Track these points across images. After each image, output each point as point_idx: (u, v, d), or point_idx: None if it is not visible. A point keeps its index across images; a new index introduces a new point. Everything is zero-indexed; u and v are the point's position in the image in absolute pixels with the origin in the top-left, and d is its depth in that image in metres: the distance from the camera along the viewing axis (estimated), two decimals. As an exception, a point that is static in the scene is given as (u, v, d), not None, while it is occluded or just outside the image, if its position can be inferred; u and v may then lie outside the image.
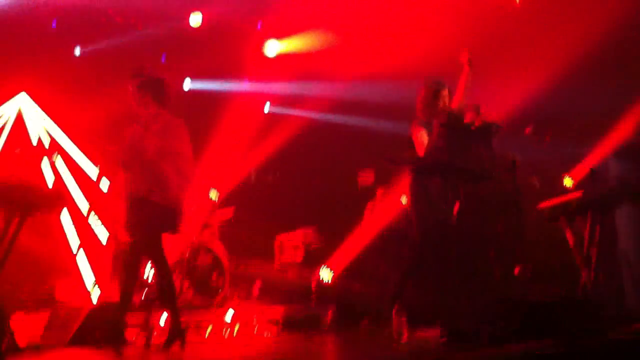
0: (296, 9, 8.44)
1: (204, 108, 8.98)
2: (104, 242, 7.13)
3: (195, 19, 8.55)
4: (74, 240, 7.34)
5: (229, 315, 6.38)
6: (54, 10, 7.89)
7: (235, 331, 6.32)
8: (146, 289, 6.61)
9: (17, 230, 5.47)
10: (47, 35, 8.08)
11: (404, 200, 6.96)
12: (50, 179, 7.26)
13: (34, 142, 7.27)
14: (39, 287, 6.96)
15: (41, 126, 7.61)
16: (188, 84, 9.68)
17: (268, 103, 9.88)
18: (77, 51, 8.53)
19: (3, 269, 5.34)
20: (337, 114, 9.08)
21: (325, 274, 7.36)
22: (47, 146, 7.24)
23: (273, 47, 9.26)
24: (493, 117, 6.11)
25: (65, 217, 7.31)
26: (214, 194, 7.58)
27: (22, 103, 7.52)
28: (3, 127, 7.22)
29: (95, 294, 6.94)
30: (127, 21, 8.35)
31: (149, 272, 6.70)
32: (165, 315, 5.83)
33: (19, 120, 7.46)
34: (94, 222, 7.24)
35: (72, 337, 5.26)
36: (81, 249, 7.30)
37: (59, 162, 7.28)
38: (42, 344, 5.20)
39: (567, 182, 7.05)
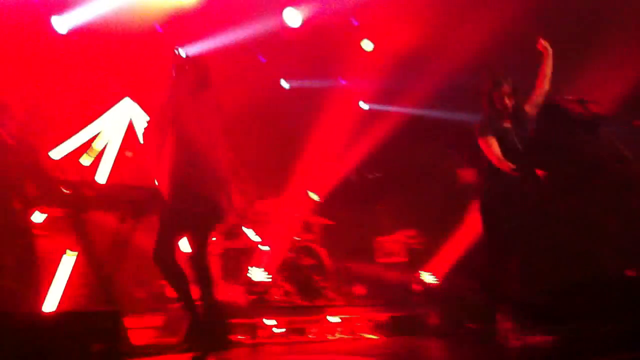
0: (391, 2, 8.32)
1: (302, 107, 9.02)
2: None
3: (295, 19, 8.55)
4: (182, 241, 7.48)
5: (333, 318, 6.37)
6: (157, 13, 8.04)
7: (339, 333, 6.31)
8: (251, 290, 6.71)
9: (131, 230, 5.69)
10: (151, 38, 8.27)
11: None
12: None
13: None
14: (151, 287, 7.15)
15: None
16: (286, 83, 9.76)
17: (366, 100, 9.81)
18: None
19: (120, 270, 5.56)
20: (438, 109, 8.88)
21: (429, 276, 7.25)
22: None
23: (369, 43, 9.19)
24: (598, 108, 5.86)
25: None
26: (315, 195, 7.58)
27: (129, 107, 7.73)
28: (115, 132, 7.45)
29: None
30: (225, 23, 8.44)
31: (254, 274, 6.80)
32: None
33: (131, 124, 7.67)
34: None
35: (185, 337, 5.35)
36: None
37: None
38: (157, 345, 5.32)
39: None
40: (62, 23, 7.65)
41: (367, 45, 9.19)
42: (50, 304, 5.60)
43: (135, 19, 7.71)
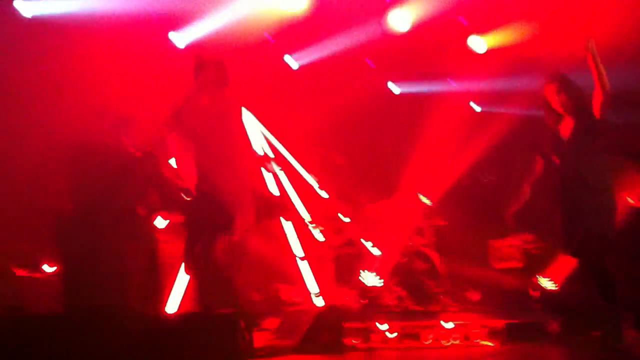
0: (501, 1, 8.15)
1: (412, 111, 8.97)
2: (324, 247, 7.37)
3: (402, 22, 8.54)
4: (296, 245, 7.66)
5: (447, 324, 6.29)
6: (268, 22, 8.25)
7: (453, 339, 6.22)
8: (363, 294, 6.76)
9: (247, 234, 5.85)
10: (263, 47, 8.51)
11: (630, 199, 6.43)
12: (273, 188, 7.64)
13: (259, 154, 7.68)
14: (266, 290, 7.36)
15: (262, 138, 8.04)
16: (395, 88, 9.75)
17: (478, 102, 9.64)
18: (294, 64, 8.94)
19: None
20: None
21: (547, 281, 7.00)
22: (269, 156, 7.61)
23: (480, 43, 9.02)
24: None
25: (287, 223, 7.64)
26: (426, 199, 7.52)
27: (245, 117, 7.98)
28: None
29: (318, 298, 7.19)
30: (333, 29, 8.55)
31: (366, 278, 6.84)
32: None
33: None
34: (314, 228, 7.49)
35: (301, 339, 5.47)
36: (303, 255, 7.59)
37: (280, 171, 7.64)
38: (274, 346, 5.45)
39: None
40: (179, 38, 8.04)
41: (477, 45, 9.03)
42: (173, 306, 5.88)
43: (247, 30, 7.96)
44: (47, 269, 5.94)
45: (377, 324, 6.05)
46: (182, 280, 6.15)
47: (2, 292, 5.71)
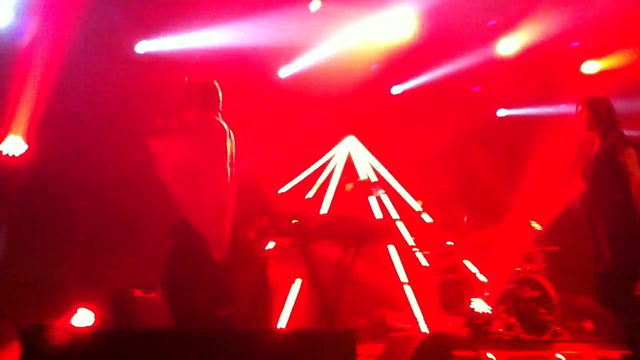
0: (613, 23, 7.91)
1: (520, 135, 8.80)
2: (429, 273, 7.30)
3: (509, 47, 8.48)
4: (401, 271, 7.63)
5: (558, 353, 6.05)
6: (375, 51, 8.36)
7: (567, 370, 5.98)
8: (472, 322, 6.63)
9: (352, 260, 5.92)
10: (368, 76, 8.64)
11: None
12: (378, 213, 7.68)
13: (362, 179, 7.76)
14: (372, 315, 7.36)
15: (367, 163, 8.13)
16: (501, 112, 9.62)
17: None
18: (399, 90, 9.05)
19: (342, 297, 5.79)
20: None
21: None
22: (373, 182, 7.68)
23: (592, 65, 8.78)
24: None
25: (392, 248, 7.65)
26: (537, 224, 7.30)
27: (351, 144, 8.14)
28: (335, 167, 7.89)
29: (423, 324, 7.11)
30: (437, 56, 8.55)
31: (475, 305, 6.71)
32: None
33: (349, 159, 8.07)
34: (419, 253, 7.45)
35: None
36: (407, 280, 7.55)
37: (384, 196, 7.67)
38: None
39: None
40: (285, 71, 8.33)
41: (589, 67, 8.78)
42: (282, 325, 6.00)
43: (353, 61, 8.13)
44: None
45: (486, 352, 5.89)
46: (290, 301, 6.28)
47: (121, 310, 6.04)
